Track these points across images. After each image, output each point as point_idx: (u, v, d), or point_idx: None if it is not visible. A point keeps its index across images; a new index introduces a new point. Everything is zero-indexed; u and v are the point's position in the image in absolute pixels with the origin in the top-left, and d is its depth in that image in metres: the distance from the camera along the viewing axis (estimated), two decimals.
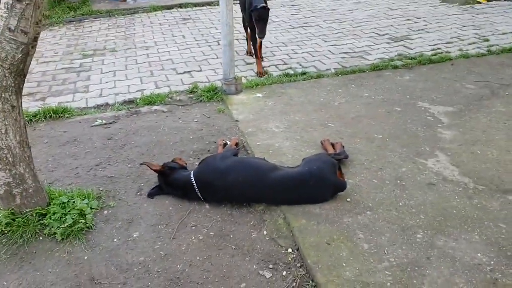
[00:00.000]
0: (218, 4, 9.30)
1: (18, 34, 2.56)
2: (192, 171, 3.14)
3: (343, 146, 3.58)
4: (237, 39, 6.62)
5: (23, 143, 2.77)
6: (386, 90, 4.77)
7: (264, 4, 5.22)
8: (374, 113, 4.27)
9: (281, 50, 6.33)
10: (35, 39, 2.66)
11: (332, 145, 3.61)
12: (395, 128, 3.97)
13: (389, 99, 4.55)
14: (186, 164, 3.40)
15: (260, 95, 4.78)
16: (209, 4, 9.40)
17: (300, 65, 5.71)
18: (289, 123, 4.14)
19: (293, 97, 4.70)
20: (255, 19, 5.24)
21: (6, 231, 2.80)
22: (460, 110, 4.25)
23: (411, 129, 3.93)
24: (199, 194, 3.05)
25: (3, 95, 2.61)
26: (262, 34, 5.29)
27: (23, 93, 2.78)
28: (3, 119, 2.65)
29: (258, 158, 3.36)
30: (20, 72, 2.66)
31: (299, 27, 7.50)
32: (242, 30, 6.44)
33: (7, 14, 2.54)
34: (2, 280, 2.52)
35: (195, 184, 3.04)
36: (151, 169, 3.19)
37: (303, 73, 5.36)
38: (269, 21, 5.49)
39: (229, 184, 2.97)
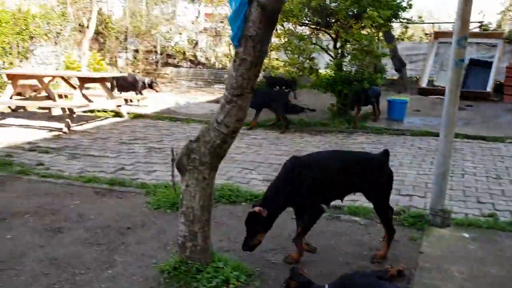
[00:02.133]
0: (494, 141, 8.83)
1: (221, 126, 3.35)
2: (328, 284, 3.13)
3: None
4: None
5: (204, 208, 3.47)
6: None
7: None
8: None
9: None
10: (234, 132, 3.39)
11: None
12: None
13: None
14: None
15: (467, 235, 4.32)
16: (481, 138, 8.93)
17: None
18: (478, 273, 3.62)
19: (505, 249, 4.05)
20: None
21: (172, 274, 3.48)
22: None
23: None
24: None
25: (200, 167, 3.40)
26: None
27: None
28: (195, 185, 3.43)
29: None
30: (216, 154, 3.42)
31: None
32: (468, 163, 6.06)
33: (219, 111, 3.38)
34: None
35: None
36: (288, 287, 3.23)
37: None
38: None
39: None
